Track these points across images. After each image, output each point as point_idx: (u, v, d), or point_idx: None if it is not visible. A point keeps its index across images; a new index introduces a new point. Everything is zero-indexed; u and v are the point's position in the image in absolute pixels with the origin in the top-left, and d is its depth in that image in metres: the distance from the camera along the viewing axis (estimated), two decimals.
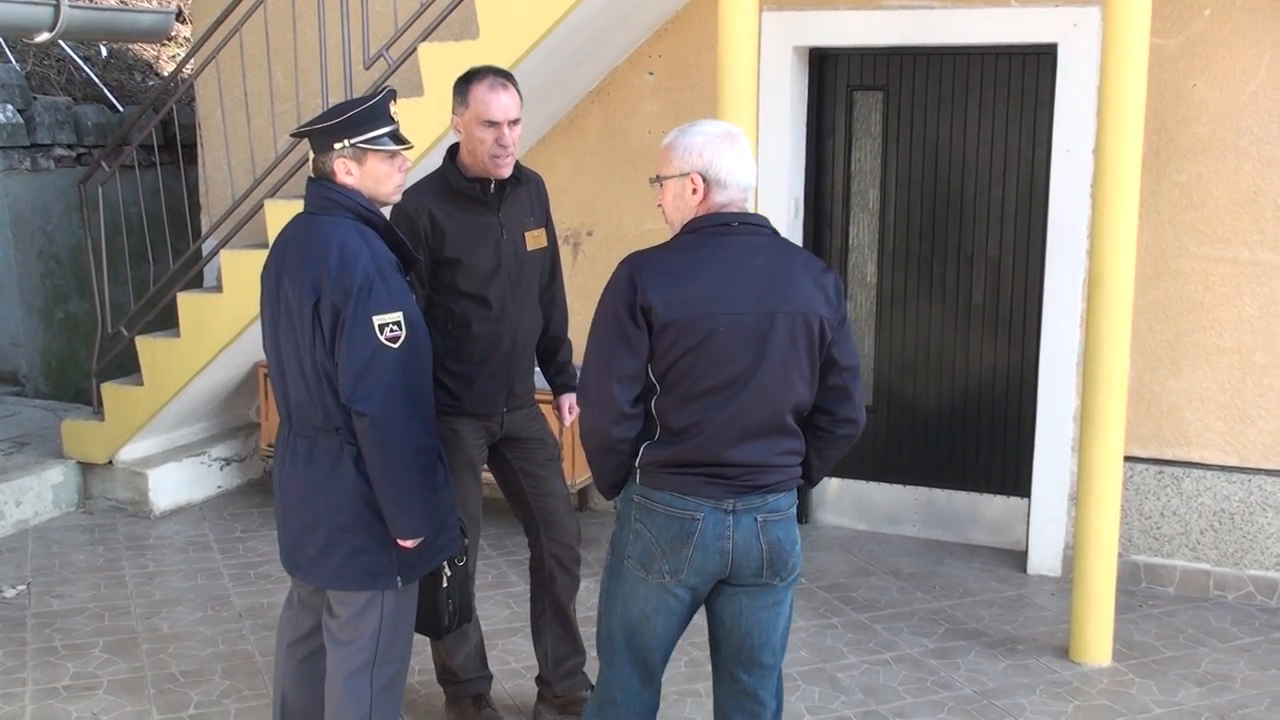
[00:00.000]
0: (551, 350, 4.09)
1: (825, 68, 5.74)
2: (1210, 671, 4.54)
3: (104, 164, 6.37)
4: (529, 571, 4.07)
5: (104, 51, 8.75)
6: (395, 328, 3.06)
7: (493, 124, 3.59)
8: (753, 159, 3.02)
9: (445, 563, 3.41)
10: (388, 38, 5.44)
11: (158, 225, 6.65)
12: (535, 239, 3.85)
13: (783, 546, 2.97)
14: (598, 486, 3.08)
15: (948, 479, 5.82)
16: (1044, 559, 5.42)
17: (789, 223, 5.64)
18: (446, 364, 3.73)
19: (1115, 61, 4.22)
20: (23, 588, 5.27)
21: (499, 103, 3.59)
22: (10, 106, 7.47)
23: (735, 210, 2.98)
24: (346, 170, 3.16)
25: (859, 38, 5.44)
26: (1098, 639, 4.58)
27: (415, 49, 5.25)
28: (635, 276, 2.86)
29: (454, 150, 3.75)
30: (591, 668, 4.14)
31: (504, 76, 3.66)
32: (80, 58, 8.42)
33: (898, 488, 5.90)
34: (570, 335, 4.14)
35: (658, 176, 3.03)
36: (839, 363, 2.98)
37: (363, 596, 3.24)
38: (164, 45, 9.21)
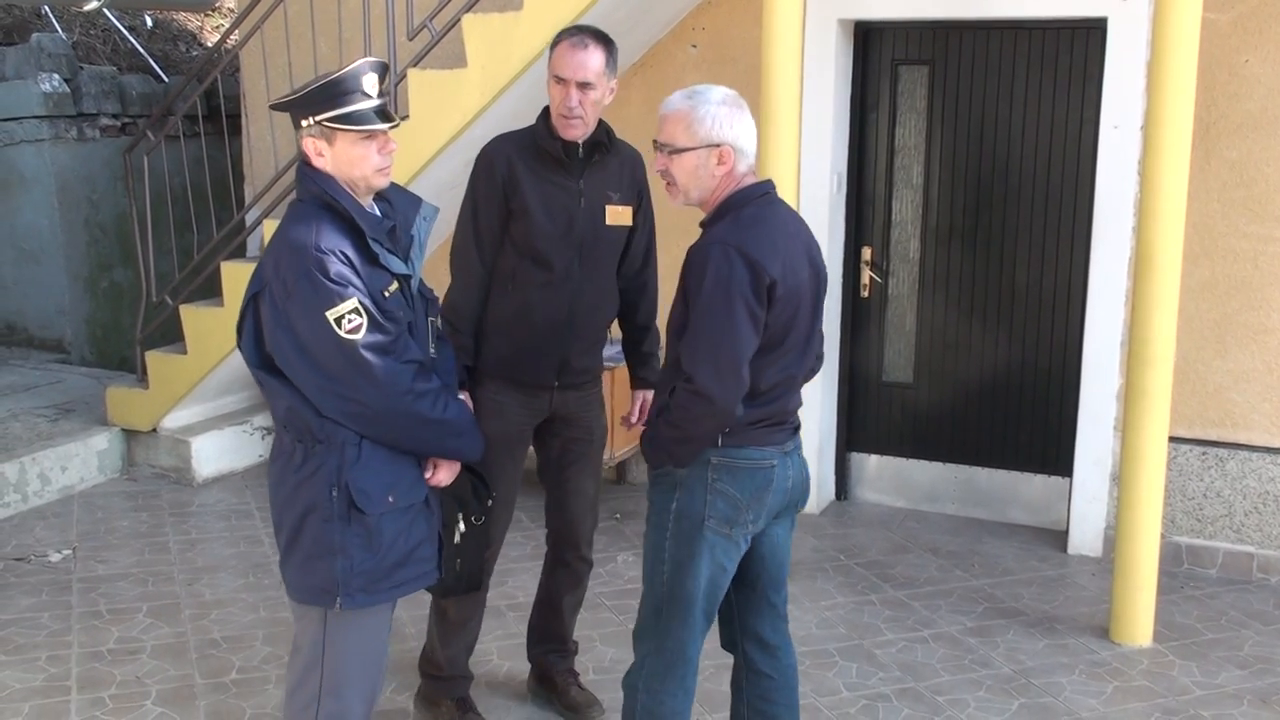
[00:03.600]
0: (637, 340, 3.93)
1: (870, 41, 5.69)
2: (1253, 654, 4.50)
3: (149, 134, 6.42)
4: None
5: (149, 22, 8.80)
6: (355, 316, 2.77)
7: (560, 80, 3.50)
8: None
9: (461, 518, 3.26)
10: (431, 9, 5.44)
11: (201, 195, 6.69)
12: (617, 214, 3.69)
13: (808, 476, 3.20)
14: (681, 462, 2.99)
15: (988, 457, 5.79)
16: (1085, 539, 5.38)
17: (831, 198, 5.60)
18: (502, 325, 3.65)
19: (1166, 36, 4.16)
20: (68, 552, 5.34)
21: (572, 60, 3.47)
22: (57, 76, 7.53)
23: (755, 177, 3.05)
24: (317, 151, 2.89)
25: (904, 11, 5.39)
26: (1139, 620, 4.55)
27: (459, 20, 5.24)
28: (749, 257, 2.84)
29: (548, 110, 3.64)
30: (581, 660, 4.16)
31: (596, 38, 3.51)
32: (125, 28, 8.47)
33: (937, 465, 5.88)
34: None
35: (675, 147, 2.97)
36: (818, 310, 3.15)
37: (310, 611, 2.97)
38: (208, 16, 9.25)
